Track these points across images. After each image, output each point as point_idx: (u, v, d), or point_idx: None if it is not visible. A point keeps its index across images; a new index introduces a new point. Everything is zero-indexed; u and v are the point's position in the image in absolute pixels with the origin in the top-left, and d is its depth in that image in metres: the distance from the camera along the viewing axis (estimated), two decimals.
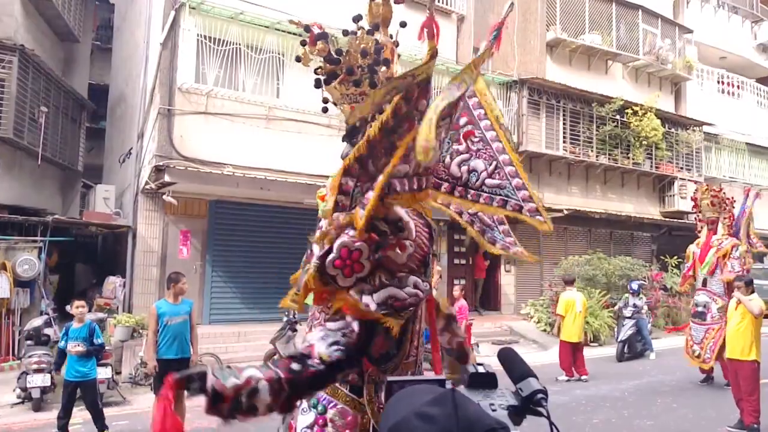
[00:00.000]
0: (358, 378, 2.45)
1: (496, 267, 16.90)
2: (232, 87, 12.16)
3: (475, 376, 1.27)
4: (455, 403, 0.89)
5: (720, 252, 9.54)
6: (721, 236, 9.80)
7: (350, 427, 2.43)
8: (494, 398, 1.22)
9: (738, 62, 23.83)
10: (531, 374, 1.30)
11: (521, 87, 16.14)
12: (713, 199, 9.93)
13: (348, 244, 2.02)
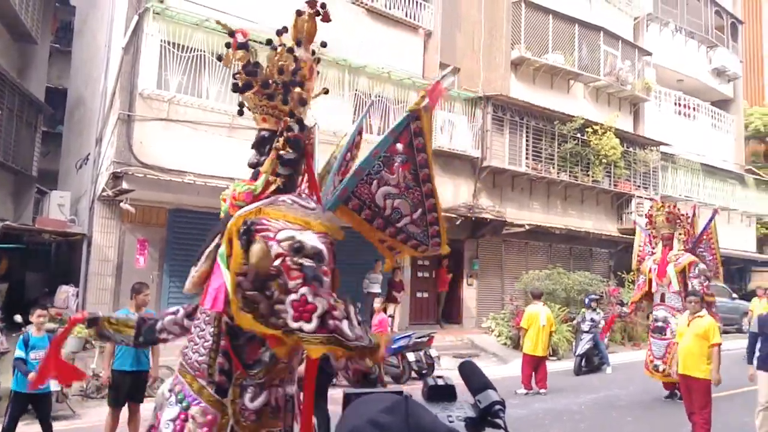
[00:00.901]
0: (226, 380, 2.59)
1: (459, 280, 16.97)
2: (195, 94, 11.97)
3: (434, 389, 1.28)
4: (408, 412, 0.89)
5: (677, 267, 9.71)
6: (677, 251, 9.96)
7: (209, 425, 2.55)
8: (453, 410, 1.22)
9: (694, 85, 24.60)
10: (490, 386, 1.30)
11: (486, 103, 16.33)
12: (669, 215, 10.12)
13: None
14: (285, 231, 2.48)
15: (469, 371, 1.37)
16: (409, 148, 2.61)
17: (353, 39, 14.16)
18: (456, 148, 15.36)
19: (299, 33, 2.79)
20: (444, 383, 1.28)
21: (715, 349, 7.10)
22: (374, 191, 2.59)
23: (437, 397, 1.26)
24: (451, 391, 1.27)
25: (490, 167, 16.19)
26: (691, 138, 22.83)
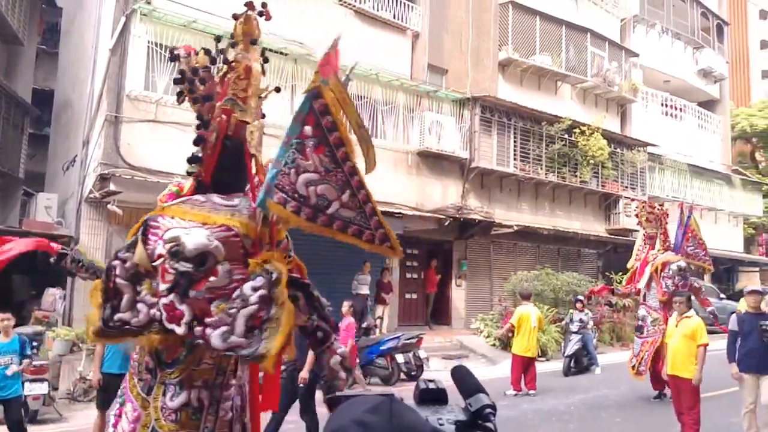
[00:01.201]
0: (151, 378, 2.65)
1: (447, 281, 17.02)
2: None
3: (425, 392, 1.29)
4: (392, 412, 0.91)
5: (653, 267, 9.86)
6: (656, 251, 10.10)
7: (134, 421, 2.62)
8: (444, 413, 1.23)
9: (681, 86, 24.80)
10: (481, 390, 1.31)
11: (474, 104, 16.39)
12: (649, 215, 10.31)
13: None
14: (172, 231, 2.46)
15: (461, 375, 1.38)
16: (318, 130, 2.51)
17: (341, 40, 14.17)
18: (444, 149, 15.41)
19: (237, 35, 2.84)
20: (435, 387, 1.29)
21: (701, 349, 7.17)
22: (294, 181, 2.47)
23: (428, 401, 1.27)
24: (443, 395, 1.28)
25: (478, 168, 16.24)
26: (677, 139, 23.01)
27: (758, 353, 6.76)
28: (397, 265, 16.01)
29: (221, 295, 2.38)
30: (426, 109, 15.39)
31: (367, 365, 11.02)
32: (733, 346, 7.06)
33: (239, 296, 2.38)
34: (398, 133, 14.94)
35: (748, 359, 6.84)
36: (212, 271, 2.37)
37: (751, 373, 6.80)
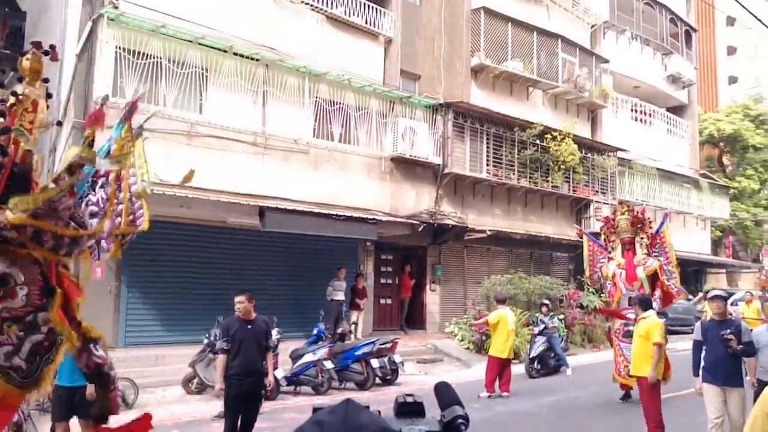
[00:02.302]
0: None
1: (422, 286, 17.06)
2: (152, 102, 11.81)
3: (403, 405, 1.33)
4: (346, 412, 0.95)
5: (648, 271, 9.80)
6: (642, 256, 10.02)
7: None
8: (419, 425, 1.26)
9: (650, 92, 25.24)
10: (456, 402, 1.34)
11: (447, 110, 16.47)
12: (633, 219, 10.17)
13: None
14: None
15: (441, 390, 1.43)
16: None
17: (313, 46, 14.17)
18: (418, 156, 15.46)
19: (24, 71, 2.91)
20: (413, 400, 1.33)
21: (655, 348, 7.28)
22: (84, 212, 2.77)
23: (406, 413, 1.31)
24: (420, 408, 1.32)
25: (451, 174, 16.32)
26: (647, 143, 23.39)
27: (723, 364, 6.27)
28: (371, 270, 16.01)
29: (15, 317, 2.43)
30: (399, 115, 15.43)
31: (342, 370, 10.98)
32: (697, 356, 6.60)
33: (31, 322, 2.46)
34: (371, 139, 14.95)
35: (712, 370, 6.35)
36: (11, 292, 2.41)
37: (716, 385, 6.29)
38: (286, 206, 12.66)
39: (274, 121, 13.27)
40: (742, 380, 6.32)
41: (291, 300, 13.79)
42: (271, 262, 13.95)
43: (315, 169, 13.96)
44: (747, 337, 6.35)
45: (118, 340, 11.97)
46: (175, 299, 12.57)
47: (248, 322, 6.35)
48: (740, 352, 6.26)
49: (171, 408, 9.52)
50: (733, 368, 6.31)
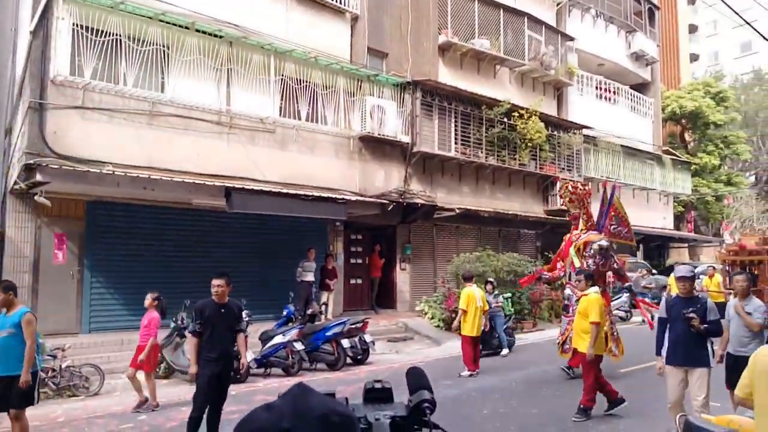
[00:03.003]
0: None
1: (392, 265, 17.08)
2: (112, 80, 11.45)
3: (370, 391, 1.33)
4: (296, 394, 0.95)
5: (575, 247, 9.95)
6: (579, 231, 10.16)
7: None
8: (385, 410, 1.26)
9: (614, 69, 25.49)
10: (424, 387, 1.34)
11: (415, 88, 16.37)
12: (571, 195, 10.31)
13: None
14: None
15: (412, 375, 1.42)
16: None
17: (278, 23, 13.91)
18: (386, 134, 15.35)
19: None
20: (381, 386, 1.33)
21: (592, 327, 7.49)
22: None
23: (373, 399, 1.31)
24: (388, 394, 1.32)
25: (420, 152, 16.28)
26: (611, 121, 23.67)
27: (684, 342, 6.06)
28: (341, 251, 15.96)
29: None
30: (367, 94, 15.27)
31: (313, 351, 10.95)
32: (661, 334, 6.37)
33: None
34: (339, 117, 14.78)
35: (674, 348, 6.15)
36: None
37: (677, 365, 6.11)
38: (253, 187, 12.47)
39: (239, 100, 13.02)
40: (706, 360, 6.02)
41: (260, 281, 13.67)
42: (239, 244, 13.78)
43: (282, 148, 13.77)
44: (713, 315, 6.08)
45: (82, 326, 11.74)
46: (141, 282, 12.28)
47: (221, 306, 6.31)
48: (705, 332, 6.00)
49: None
50: (696, 347, 6.03)
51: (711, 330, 6.06)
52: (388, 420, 1.22)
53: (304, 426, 0.88)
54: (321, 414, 0.92)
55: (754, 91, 41.07)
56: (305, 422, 0.89)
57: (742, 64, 48.05)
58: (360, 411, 1.25)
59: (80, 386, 9.23)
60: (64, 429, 7.32)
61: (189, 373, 6.20)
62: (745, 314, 6.61)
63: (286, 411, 0.91)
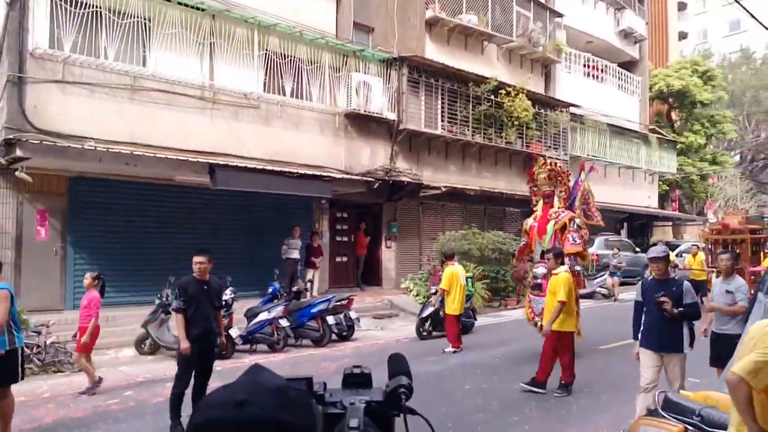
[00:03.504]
0: None
1: (377, 243, 17.09)
2: (92, 54, 11.25)
3: (349, 376, 1.33)
4: (253, 372, 0.96)
5: (558, 224, 9.71)
6: (557, 209, 9.96)
7: None
8: (362, 395, 1.26)
9: (602, 47, 25.43)
10: (403, 373, 1.34)
11: (401, 65, 16.23)
12: (550, 172, 10.14)
13: None
14: None
15: (393, 361, 1.42)
16: None
17: None
18: (372, 111, 15.25)
19: None
20: (360, 372, 1.34)
21: (557, 305, 7.53)
22: None
23: (351, 384, 1.31)
24: (367, 379, 1.33)
25: (406, 130, 16.20)
26: (598, 99, 23.66)
27: (658, 327, 5.80)
28: (326, 228, 15.94)
29: None
30: (353, 69, 15.13)
31: (298, 328, 10.98)
32: (637, 317, 6.11)
33: None
34: (324, 94, 14.64)
35: (649, 333, 5.90)
36: None
37: (653, 350, 5.86)
38: (237, 163, 12.37)
39: (223, 75, 12.85)
40: (680, 345, 5.76)
41: (245, 259, 13.63)
42: (224, 221, 13.71)
43: (266, 124, 13.64)
44: (690, 298, 5.80)
45: (66, 303, 11.67)
46: (125, 259, 12.27)
47: (204, 283, 6.32)
48: (679, 315, 5.72)
49: (124, 369, 9.39)
50: (671, 332, 5.76)
51: (687, 314, 5.76)
52: (363, 405, 1.22)
53: (261, 396, 0.88)
54: (278, 386, 0.93)
55: (742, 71, 41.18)
56: (261, 393, 0.89)
57: (731, 42, 48.09)
58: (337, 396, 1.26)
59: (65, 362, 9.21)
60: (49, 404, 7.32)
61: (181, 348, 6.20)
62: (728, 308, 6.64)
63: (243, 385, 0.91)
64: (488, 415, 6.66)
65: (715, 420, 3.88)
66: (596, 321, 6.97)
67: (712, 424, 3.86)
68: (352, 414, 1.18)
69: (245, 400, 0.87)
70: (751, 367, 2.86)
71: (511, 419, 6.50)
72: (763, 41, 38.44)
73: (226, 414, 0.87)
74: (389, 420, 1.28)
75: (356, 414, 1.18)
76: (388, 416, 1.28)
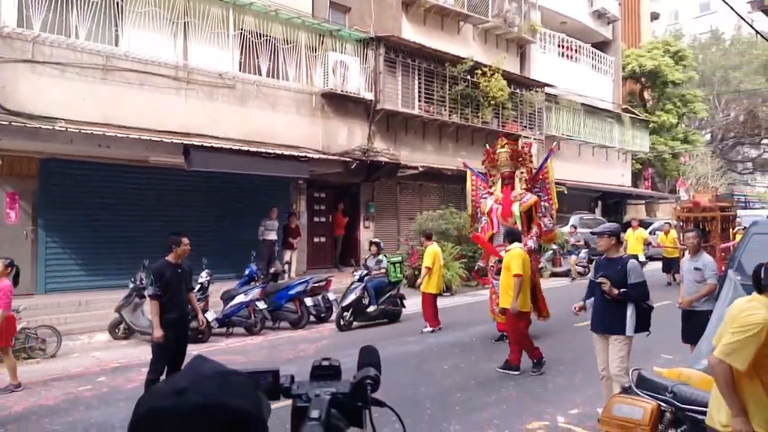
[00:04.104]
0: None
1: (355, 224, 17.08)
2: (63, 33, 10.96)
3: (317, 369, 1.33)
4: (195, 363, 0.97)
5: (523, 206, 9.35)
6: (521, 191, 9.53)
7: None
8: (329, 387, 1.26)
9: (576, 27, 25.52)
10: (372, 364, 1.35)
11: (378, 45, 16.11)
12: (512, 152, 9.65)
13: None
14: None
15: (364, 352, 1.42)
16: None
17: None
18: (349, 91, 15.14)
19: None
20: (328, 364, 1.33)
21: (515, 279, 7.52)
22: None
23: (319, 377, 1.31)
24: (335, 371, 1.32)
25: (383, 110, 16.14)
26: (573, 79, 23.81)
27: (601, 309, 5.56)
28: (304, 209, 15.87)
29: None
30: (329, 49, 14.98)
31: (276, 310, 10.97)
32: (588, 298, 5.83)
33: None
34: (301, 73, 14.49)
35: (595, 315, 5.66)
36: None
37: (599, 333, 5.62)
38: (213, 144, 12.22)
39: (197, 55, 12.63)
40: (620, 328, 5.41)
41: (221, 241, 13.54)
42: (199, 202, 13.57)
43: (242, 105, 13.48)
44: (635, 278, 5.41)
45: (38, 287, 11.49)
46: (98, 242, 12.11)
47: (177, 266, 6.29)
48: (622, 296, 5.38)
49: (97, 354, 9.30)
50: (612, 314, 5.45)
51: (630, 295, 5.38)
52: (329, 396, 1.22)
53: (201, 383, 0.89)
54: (219, 373, 0.94)
55: (711, 51, 41.65)
56: (202, 380, 0.90)
57: (701, 23, 48.55)
58: (304, 388, 1.26)
59: (36, 348, 9.07)
60: (20, 392, 7.22)
61: (154, 337, 6.16)
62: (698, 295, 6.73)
63: (184, 375, 0.92)
64: (466, 394, 6.75)
65: (687, 396, 3.98)
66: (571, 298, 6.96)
67: (685, 400, 3.97)
68: (315, 405, 1.17)
69: (186, 389, 0.87)
70: (727, 349, 2.94)
71: (489, 398, 6.60)
72: (732, 23, 38.93)
73: (167, 403, 0.87)
74: (359, 412, 1.27)
75: (319, 406, 1.17)
76: (357, 408, 1.27)
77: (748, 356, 2.87)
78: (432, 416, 5.99)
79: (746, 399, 2.94)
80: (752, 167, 44.70)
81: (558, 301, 10.08)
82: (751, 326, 2.89)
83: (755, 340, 2.87)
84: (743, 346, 2.88)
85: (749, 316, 2.93)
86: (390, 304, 11.51)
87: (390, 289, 11.56)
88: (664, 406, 4.09)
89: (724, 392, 2.96)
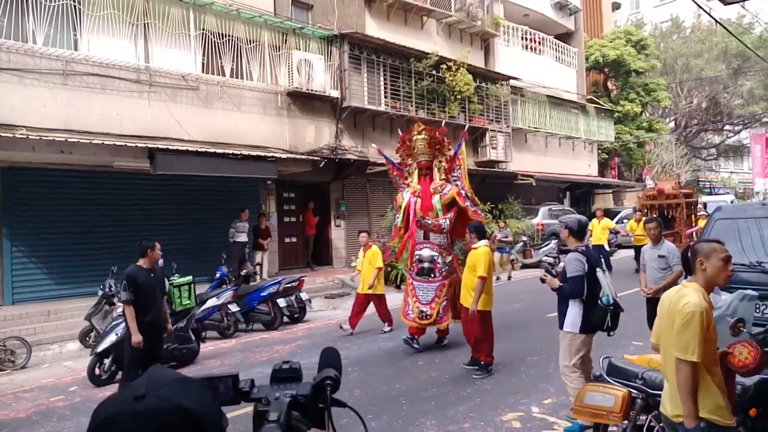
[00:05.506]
0: None
1: (326, 222, 17.06)
2: (19, 38, 10.74)
3: (277, 372, 1.35)
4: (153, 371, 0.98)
5: (445, 199, 8.61)
6: (440, 182, 8.80)
7: None
8: (289, 389, 1.28)
9: (539, 19, 25.78)
10: (332, 365, 1.37)
11: (342, 42, 16.09)
12: (430, 139, 8.78)
13: None
14: None
15: (325, 354, 1.44)
16: None
17: None
18: (315, 89, 15.09)
19: None
20: (288, 366, 1.35)
21: (478, 281, 7.13)
22: None
23: (280, 380, 1.32)
24: (296, 374, 1.34)
25: (350, 107, 16.13)
26: (537, 71, 24.07)
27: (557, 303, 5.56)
28: (274, 209, 15.80)
29: None
30: (293, 48, 14.92)
31: (249, 312, 10.92)
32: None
33: None
34: (265, 73, 14.41)
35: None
36: None
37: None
38: (178, 147, 12.09)
39: (159, 57, 12.48)
40: (562, 323, 5.41)
41: (191, 244, 13.42)
42: (168, 207, 13.41)
43: (207, 106, 13.36)
44: (570, 272, 5.33)
45: (5, 297, 11.27)
46: (65, 250, 11.90)
47: (150, 271, 6.28)
48: (557, 290, 5.42)
49: (69, 363, 9.17)
50: (560, 309, 5.46)
51: (563, 290, 5.37)
52: (289, 399, 1.24)
53: (159, 389, 0.91)
54: (176, 379, 0.96)
55: (673, 39, 42.36)
56: (160, 386, 0.92)
57: (661, 12, 49.39)
58: (264, 391, 1.28)
59: (5, 360, 8.91)
60: None
61: (133, 342, 6.13)
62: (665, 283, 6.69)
63: (142, 382, 0.94)
64: (442, 389, 6.79)
65: (657, 382, 4.07)
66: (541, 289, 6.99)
67: (655, 386, 4.05)
68: (274, 408, 1.20)
69: (144, 394, 0.89)
70: (682, 346, 2.95)
71: (465, 392, 6.65)
72: (692, 11, 39.68)
73: (126, 408, 0.89)
74: (321, 413, 1.30)
75: (278, 408, 1.20)
76: (319, 409, 1.30)
77: (699, 346, 2.89)
78: (408, 412, 6.04)
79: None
80: (716, 153, 45.64)
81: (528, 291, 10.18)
82: (689, 315, 2.91)
83: (699, 328, 2.89)
84: (693, 337, 2.90)
85: (685, 306, 2.95)
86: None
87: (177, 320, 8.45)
88: (635, 392, 4.17)
89: (685, 394, 2.93)
